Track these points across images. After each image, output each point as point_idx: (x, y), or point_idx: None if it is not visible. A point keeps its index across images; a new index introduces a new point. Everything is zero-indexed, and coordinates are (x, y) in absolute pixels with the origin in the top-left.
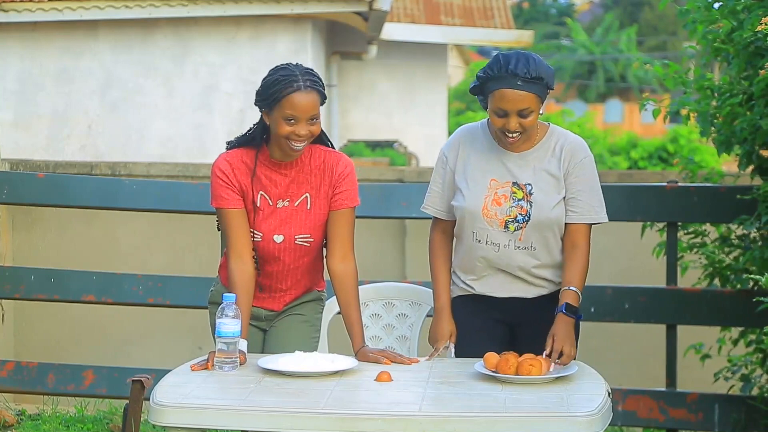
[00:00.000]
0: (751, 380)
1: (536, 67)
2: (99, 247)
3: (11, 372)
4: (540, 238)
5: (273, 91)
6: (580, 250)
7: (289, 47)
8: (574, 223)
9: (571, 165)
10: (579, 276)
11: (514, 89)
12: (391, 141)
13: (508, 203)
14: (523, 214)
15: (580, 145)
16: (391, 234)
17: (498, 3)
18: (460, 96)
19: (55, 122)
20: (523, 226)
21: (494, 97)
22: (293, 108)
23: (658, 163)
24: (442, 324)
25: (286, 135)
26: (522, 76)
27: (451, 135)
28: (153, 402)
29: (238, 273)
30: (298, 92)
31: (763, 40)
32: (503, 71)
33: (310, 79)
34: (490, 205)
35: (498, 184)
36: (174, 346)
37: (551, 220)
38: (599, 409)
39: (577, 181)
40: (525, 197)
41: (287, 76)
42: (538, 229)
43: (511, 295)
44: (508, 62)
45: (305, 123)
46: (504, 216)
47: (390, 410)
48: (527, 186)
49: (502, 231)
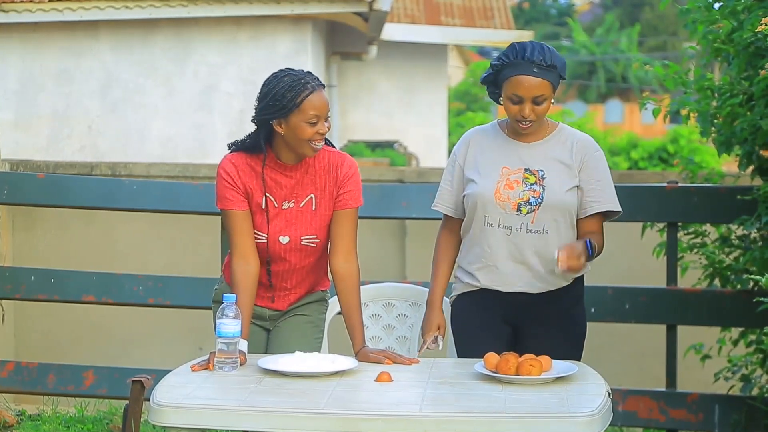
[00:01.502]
0: (751, 380)
1: (551, 55)
2: (99, 247)
3: (11, 372)
4: (552, 222)
5: (290, 97)
6: (596, 235)
7: (289, 47)
8: (590, 215)
9: (585, 159)
10: (598, 242)
11: (530, 75)
12: (391, 141)
13: (521, 187)
14: (535, 197)
15: (591, 140)
16: (391, 234)
17: (498, 3)
18: (460, 96)
19: (55, 122)
20: (536, 209)
21: (510, 83)
22: (315, 108)
23: (659, 164)
24: (431, 316)
25: (310, 137)
26: (538, 62)
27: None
28: (153, 402)
29: (241, 274)
30: (314, 93)
31: (763, 40)
32: (519, 58)
33: (316, 78)
34: (502, 189)
35: (510, 171)
36: (174, 347)
37: (564, 204)
38: (599, 410)
39: (592, 173)
40: (537, 181)
41: (297, 80)
42: (550, 211)
43: (515, 290)
44: (524, 50)
45: (323, 121)
46: (516, 199)
47: (390, 410)
48: (539, 171)
49: (514, 213)
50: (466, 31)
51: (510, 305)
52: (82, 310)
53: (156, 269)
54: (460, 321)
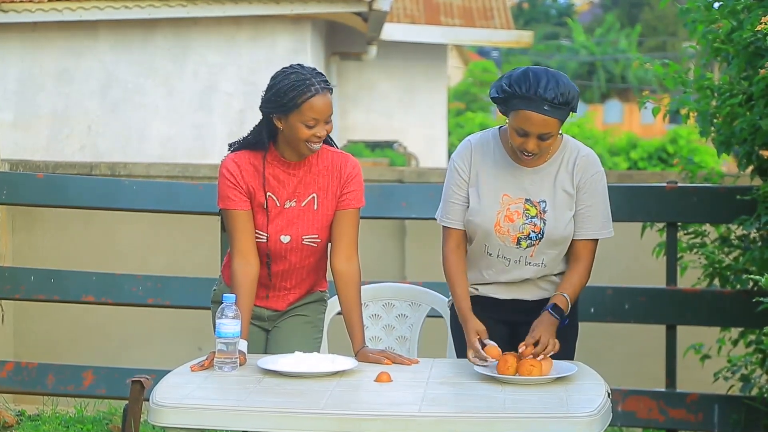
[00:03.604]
0: (750, 380)
1: (565, 90)
2: (99, 247)
3: (11, 372)
4: (551, 254)
5: (291, 96)
6: (583, 265)
7: (289, 48)
8: (582, 239)
9: (582, 180)
10: (574, 287)
11: (540, 113)
12: (391, 141)
13: (521, 220)
14: (536, 231)
15: (593, 159)
16: (391, 234)
17: (498, 3)
18: (460, 96)
19: (55, 122)
20: (535, 243)
21: (518, 116)
22: (314, 112)
23: (658, 164)
24: (469, 326)
25: (307, 138)
26: (550, 100)
27: (460, 144)
28: (153, 402)
29: (242, 274)
30: (316, 96)
31: (762, 40)
32: (532, 93)
33: (323, 80)
34: (502, 222)
35: (510, 199)
36: (174, 347)
37: (564, 238)
38: (599, 410)
39: (587, 197)
40: (539, 214)
41: (302, 80)
42: (550, 245)
43: (512, 297)
44: (538, 84)
45: (323, 124)
46: (517, 233)
47: (390, 411)
48: (541, 203)
49: (514, 247)
50: (466, 31)
51: (507, 309)
52: (82, 311)
53: (156, 269)
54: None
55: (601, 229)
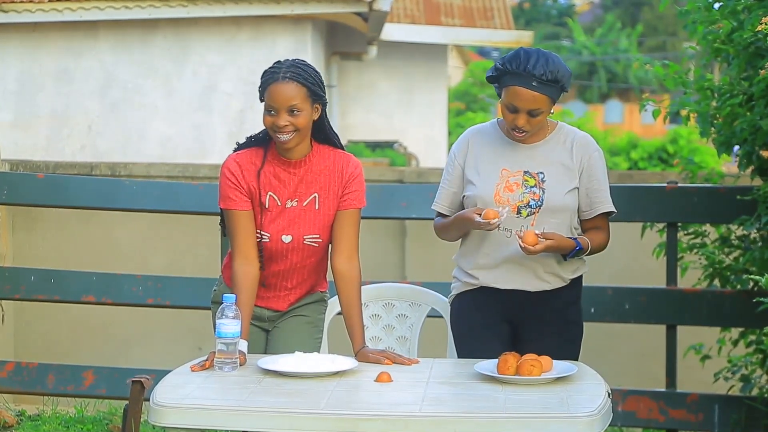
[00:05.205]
0: (751, 381)
1: (554, 68)
2: (99, 247)
3: (11, 372)
4: (552, 225)
5: (261, 82)
6: (603, 232)
7: (289, 48)
8: (599, 214)
9: (584, 161)
10: (594, 241)
11: (528, 89)
12: (391, 141)
13: (521, 189)
14: (535, 199)
15: (590, 139)
16: (391, 234)
17: (498, 3)
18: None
19: (54, 122)
20: (535, 212)
21: (508, 92)
22: (270, 98)
23: (658, 164)
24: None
25: (270, 126)
26: (538, 77)
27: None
28: (153, 402)
29: (242, 274)
30: (275, 83)
31: (763, 40)
32: (521, 69)
33: (292, 71)
34: (502, 192)
35: (509, 173)
36: (174, 347)
37: (564, 206)
38: (599, 410)
39: (594, 174)
40: (537, 184)
41: (273, 68)
42: (550, 214)
43: (514, 287)
44: (528, 60)
45: (285, 113)
46: (516, 201)
47: (390, 411)
48: (539, 174)
49: (514, 216)
50: (466, 31)
51: (508, 303)
52: (82, 311)
53: (156, 269)
54: (460, 320)
55: (609, 202)
